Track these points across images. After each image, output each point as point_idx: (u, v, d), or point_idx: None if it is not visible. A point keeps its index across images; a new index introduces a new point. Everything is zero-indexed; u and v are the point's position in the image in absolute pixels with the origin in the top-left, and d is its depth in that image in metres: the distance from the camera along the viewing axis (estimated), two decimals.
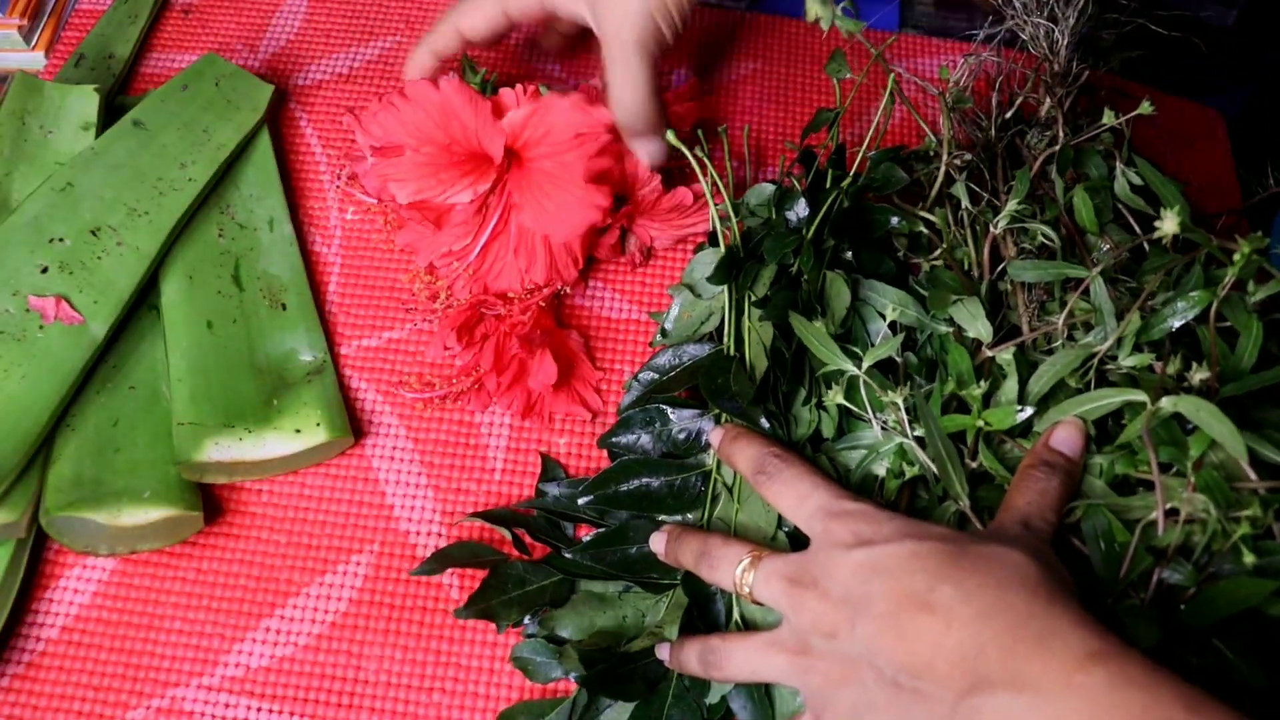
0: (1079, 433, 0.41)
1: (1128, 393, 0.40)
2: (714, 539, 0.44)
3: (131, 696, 0.48)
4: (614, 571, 0.47)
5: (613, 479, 0.48)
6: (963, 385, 0.44)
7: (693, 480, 0.48)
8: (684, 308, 0.51)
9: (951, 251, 0.50)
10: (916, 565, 0.36)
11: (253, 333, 0.54)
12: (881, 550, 0.37)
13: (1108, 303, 0.43)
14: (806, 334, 0.46)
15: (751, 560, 0.41)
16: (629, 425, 0.49)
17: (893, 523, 0.38)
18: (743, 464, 0.44)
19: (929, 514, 0.44)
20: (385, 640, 0.49)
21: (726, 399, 0.46)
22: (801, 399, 0.48)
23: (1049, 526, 0.39)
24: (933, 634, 0.34)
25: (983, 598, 0.34)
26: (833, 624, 0.37)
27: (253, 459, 0.49)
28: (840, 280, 0.48)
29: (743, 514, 0.46)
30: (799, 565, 0.40)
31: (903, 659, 0.35)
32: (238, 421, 0.50)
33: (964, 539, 0.37)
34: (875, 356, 0.45)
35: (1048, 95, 0.53)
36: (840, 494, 0.41)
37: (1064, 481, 0.40)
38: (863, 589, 0.36)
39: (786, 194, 0.51)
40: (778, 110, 0.65)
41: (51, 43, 0.66)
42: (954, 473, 0.42)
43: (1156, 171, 0.45)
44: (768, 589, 0.40)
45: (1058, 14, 0.52)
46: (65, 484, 0.47)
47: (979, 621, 0.34)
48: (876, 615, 0.36)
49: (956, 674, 0.33)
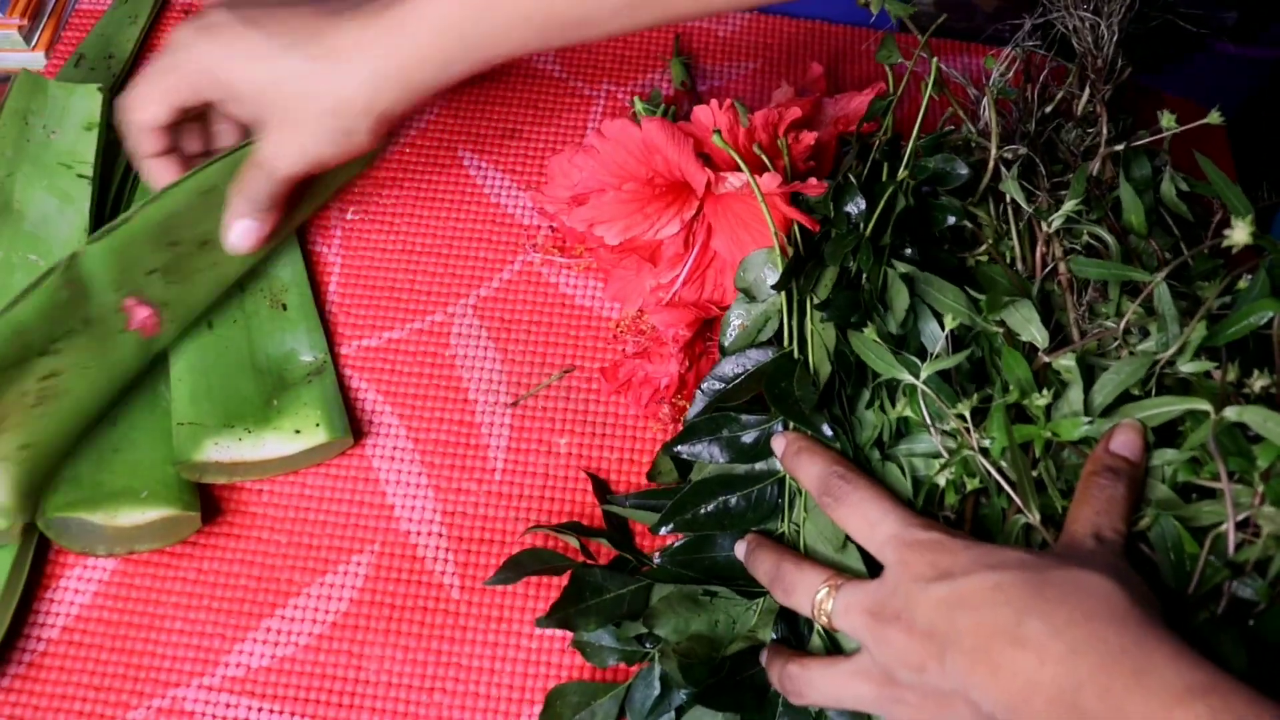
0: (1139, 436, 0.40)
1: (1191, 401, 0.39)
2: (786, 562, 0.43)
3: (132, 696, 0.48)
4: (703, 578, 0.46)
5: (690, 502, 0.46)
6: (1025, 395, 0.42)
7: (769, 490, 0.47)
8: (740, 320, 0.50)
9: (996, 247, 0.49)
10: (1000, 598, 0.35)
11: (253, 333, 0.54)
12: (963, 583, 0.36)
13: (1171, 308, 0.41)
14: (864, 348, 0.45)
15: (830, 590, 0.41)
16: (695, 434, 0.47)
17: (968, 552, 0.38)
18: (807, 482, 0.44)
19: (995, 525, 0.43)
20: (386, 640, 0.49)
21: (790, 404, 0.45)
22: (865, 401, 0.47)
23: (1120, 537, 0.38)
24: (1026, 669, 0.34)
25: (1073, 633, 0.34)
26: (920, 659, 0.37)
27: (252, 459, 0.49)
28: (900, 280, 0.47)
29: (810, 526, 0.45)
30: (879, 598, 0.39)
31: (998, 694, 0.34)
32: (237, 422, 0.50)
33: (1043, 564, 0.36)
34: (935, 367, 0.43)
35: (1090, 91, 0.52)
36: (911, 520, 0.40)
37: (1130, 487, 0.39)
38: (947, 624, 0.36)
39: (843, 188, 0.49)
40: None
41: (51, 43, 0.66)
42: (1028, 488, 0.41)
43: (1222, 175, 0.43)
44: (848, 620, 0.40)
45: (1101, 9, 0.52)
46: (63, 485, 0.47)
47: (1072, 658, 0.33)
48: (968, 650, 0.35)
49: (1056, 711, 0.33)
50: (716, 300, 0.53)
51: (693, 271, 0.52)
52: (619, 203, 0.50)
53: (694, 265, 0.52)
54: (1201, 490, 0.40)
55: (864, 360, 0.45)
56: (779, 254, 0.48)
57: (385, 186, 0.62)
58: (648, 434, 0.55)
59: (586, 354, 0.57)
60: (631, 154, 0.49)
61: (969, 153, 0.52)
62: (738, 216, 0.50)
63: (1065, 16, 0.52)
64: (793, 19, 0.70)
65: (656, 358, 0.52)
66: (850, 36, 0.69)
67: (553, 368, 0.56)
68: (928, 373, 0.43)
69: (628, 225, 0.51)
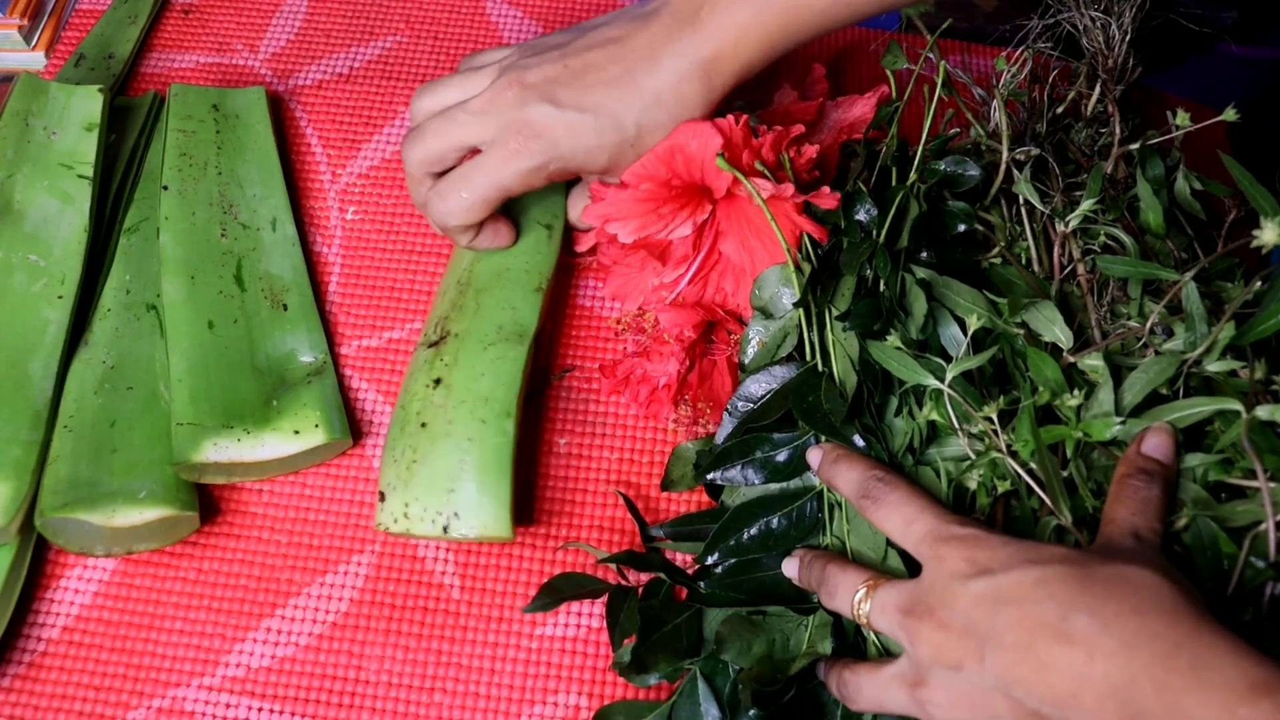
0: (1170, 438, 0.40)
1: (1223, 401, 0.39)
2: (831, 566, 0.43)
3: (132, 696, 0.48)
4: (753, 599, 0.46)
5: (732, 528, 0.46)
6: (1056, 396, 0.42)
7: (808, 506, 0.46)
8: (758, 336, 0.49)
9: (1010, 249, 0.48)
10: (1044, 592, 0.35)
11: (254, 333, 0.54)
12: (1004, 579, 0.36)
13: (1200, 308, 0.41)
14: (884, 357, 0.45)
15: (867, 590, 0.40)
16: (728, 459, 0.47)
17: (1007, 547, 0.37)
18: (845, 488, 0.43)
19: (1027, 526, 0.42)
20: (386, 640, 0.49)
21: (819, 418, 0.44)
22: (894, 409, 0.46)
23: (1157, 537, 0.38)
24: (1075, 665, 0.33)
25: (1122, 626, 0.33)
26: (957, 656, 0.36)
27: (251, 460, 0.49)
28: (917, 286, 0.46)
29: (853, 535, 0.45)
30: (914, 595, 0.38)
31: (1044, 691, 0.34)
32: (237, 422, 0.50)
33: (1086, 559, 0.36)
34: (958, 369, 0.43)
35: (1102, 91, 0.52)
36: (948, 517, 0.40)
37: (1164, 488, 0.39)
38: (988, 620, 0.35)
39: (853, 196, 0.49)
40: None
41: (51, 43, 0.66)
42: (1058, 489, 0.40)
43: (1248, 175, 0.43)
44: (884, 619, 0.39)
45: (1112, 8, 0.51)
46: (61, 485, 0.47)
47: (1124, 652, 0.32)
48: (1009, 646, 0.34)
49: (1108, 707, 0.32)
50: (720, 303, 0.53)
51: (698, 272, 0.52)
52: (635, 201, 0.50)
53: (700, 266, 0.52)
54: (1231, 490, 0.40)
55: (887, 369, 0.45)
56: (793, 270, 0.48)
57: (385, 186, 0.62)
58: (648, 434, 0.55)
59: (586, 353, 0.57)
60: (654, 153, 0.50)
61: (979, 155, 0.52)
62: (749, 222, 0.50)
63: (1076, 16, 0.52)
64: None
65: (656, 356, 0.52)
66: (851, 37, 0.69)
67: (553, 367, 0.56)
68: (952, 374, 0.43)
69: (642, 224, 0.51)
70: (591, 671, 0.49)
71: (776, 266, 0.49)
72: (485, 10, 0.69)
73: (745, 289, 0.51)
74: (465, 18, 0.68)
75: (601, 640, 0.49)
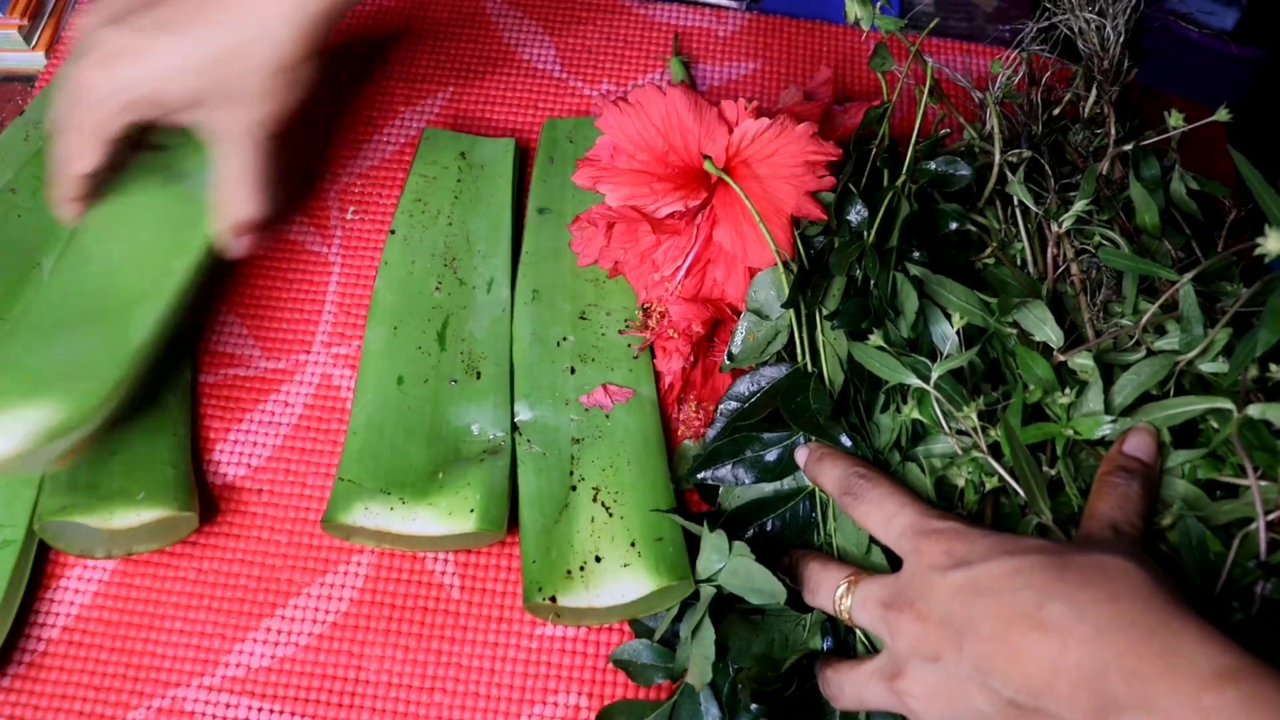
0: (1152, 438, 0.41)
1: (1214, 400, 0.39)
2: (812, 562, 0.43)
3: (132, 696, 0.48)
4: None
5: (729, 533, 0.46)
6: (1048, 394, 0.42)
7: (801, 507, 0.47)
8: (749, 330, 0.50)
9: (1003, 249, 0.49)
10: (1020, 582, 0.35)
11: (440, 396, 0.52)
12: (980, 569, 0.36)
13: (1196, 309, 0.41)
14: (866, 358, 0.45)
15: (849, 585, 0.41)
16: (718, 459, 0.47)
17: (986, 539, 0.37)
18: (829, 485, 0.44)
19: (1014, 523, 0.42)
20: (386, 640, 0.49)
21: (807, 418, 0.45)
22: (880, 406, 0.47)
23: (1136, 531, 0.38)
24: (1049, 653, 0.33)
25: (1097, 614, 0.33)
26: (935, 647, 0.36)
27: (398, 531, 0.47)
28: (909, 284, 0.46)
29: (839, 532, 0.45)
30: (893, 588, 0.39)
31: (1019, 680, 0.34)
32: (396, 489, 0.48)
33: (1063, 550, 0.36)
34: (944, 368, 0.43)
35: (1097, 92, 0.52)
36: (928, 511, 0.40)
37: (1144, 486, 0.39)
38: (965, 611, 0.36)
39: (845, 197, 0.49)
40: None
41: (51, 43, 0.66)
42: (1036, 487, 0.40)
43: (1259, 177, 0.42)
44: (865, 614, 0.40)
45: (1106, 10, 0.52)
46: (61, 488, 0.47)
47: (1097, 639, 0.33)
48: (986, 636, 0.35)
49: (1081, 695, 0.32)
50: (715, 298, 0.53)
51: (695, 262, 0.52)
52: (630, 170, 0.51)
53: (697, 256, 0.52)
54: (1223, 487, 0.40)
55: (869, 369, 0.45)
56: (783, 272, 0.48)
57: (385, 186, 0.62)
58: None
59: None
60: (653, 122, 0.50)
61: (972, 157, 0.52)
62: (744, 210, 0.50)
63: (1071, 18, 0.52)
64: (793, 19, 0.70)
65: (661, 353, 0.53)
66: (852, 37, 0.69)
67: None
68: (938, 373, 0.43)
69: (632, 193, 0.51)
70: (591, 671, 0.49)
71: (768, 270, 0.50)
72: (485, 10, 0.69)
73: (736, 277, 0.52)
74: (465, 18, 0.69)
75: (601, 640, 0.49)
